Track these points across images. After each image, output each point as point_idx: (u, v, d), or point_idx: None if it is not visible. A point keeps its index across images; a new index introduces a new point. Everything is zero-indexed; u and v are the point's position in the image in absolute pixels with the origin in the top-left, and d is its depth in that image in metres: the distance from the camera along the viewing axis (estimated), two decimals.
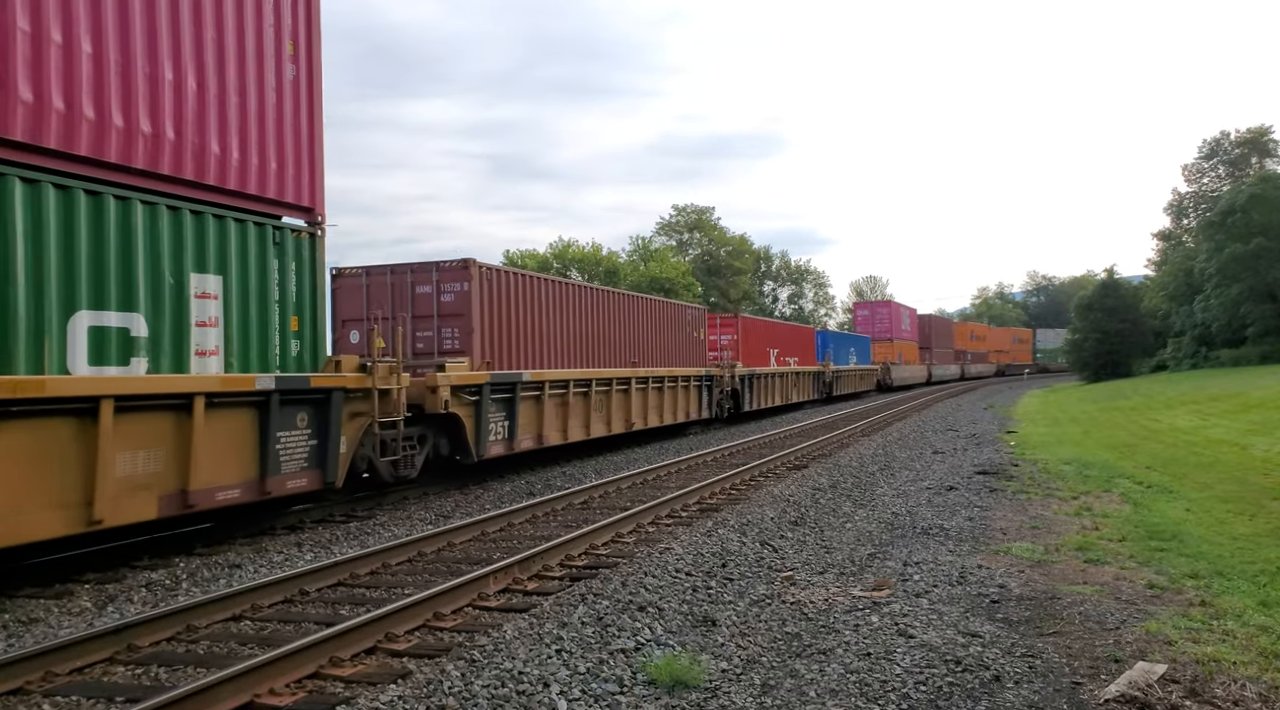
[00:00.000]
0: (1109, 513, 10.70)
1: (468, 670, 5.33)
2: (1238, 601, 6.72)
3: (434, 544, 9.43)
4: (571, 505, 12.16)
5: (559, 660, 5.53)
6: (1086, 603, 6.76)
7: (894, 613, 6.58)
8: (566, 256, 61.43)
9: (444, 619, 6.64)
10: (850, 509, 11.45)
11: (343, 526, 11.04)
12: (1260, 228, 47.40)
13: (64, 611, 7.30)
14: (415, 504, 12.72)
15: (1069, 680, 5.21)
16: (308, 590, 7.63)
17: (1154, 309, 59.37)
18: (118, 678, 5.69)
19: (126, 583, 8.23)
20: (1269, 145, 59.43)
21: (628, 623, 6.30)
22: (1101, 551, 8.54)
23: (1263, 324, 47.31)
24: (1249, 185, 50.37)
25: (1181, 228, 62.57)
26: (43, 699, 5.31)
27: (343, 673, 5.53)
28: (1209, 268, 50.12)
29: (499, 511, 11.08)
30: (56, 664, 5.66)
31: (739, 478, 14.15)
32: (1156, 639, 5.88)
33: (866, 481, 13.87)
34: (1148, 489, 12.62)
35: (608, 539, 9.59)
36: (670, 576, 7.64)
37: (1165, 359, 54.53)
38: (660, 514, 11.07)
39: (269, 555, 9.40)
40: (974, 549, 8.83)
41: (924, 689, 5.10)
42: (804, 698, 5.05)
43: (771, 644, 6.02)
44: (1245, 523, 9.98)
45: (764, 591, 7.33)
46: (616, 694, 5.10)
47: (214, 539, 10.06)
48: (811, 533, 9.89)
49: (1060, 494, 12.26)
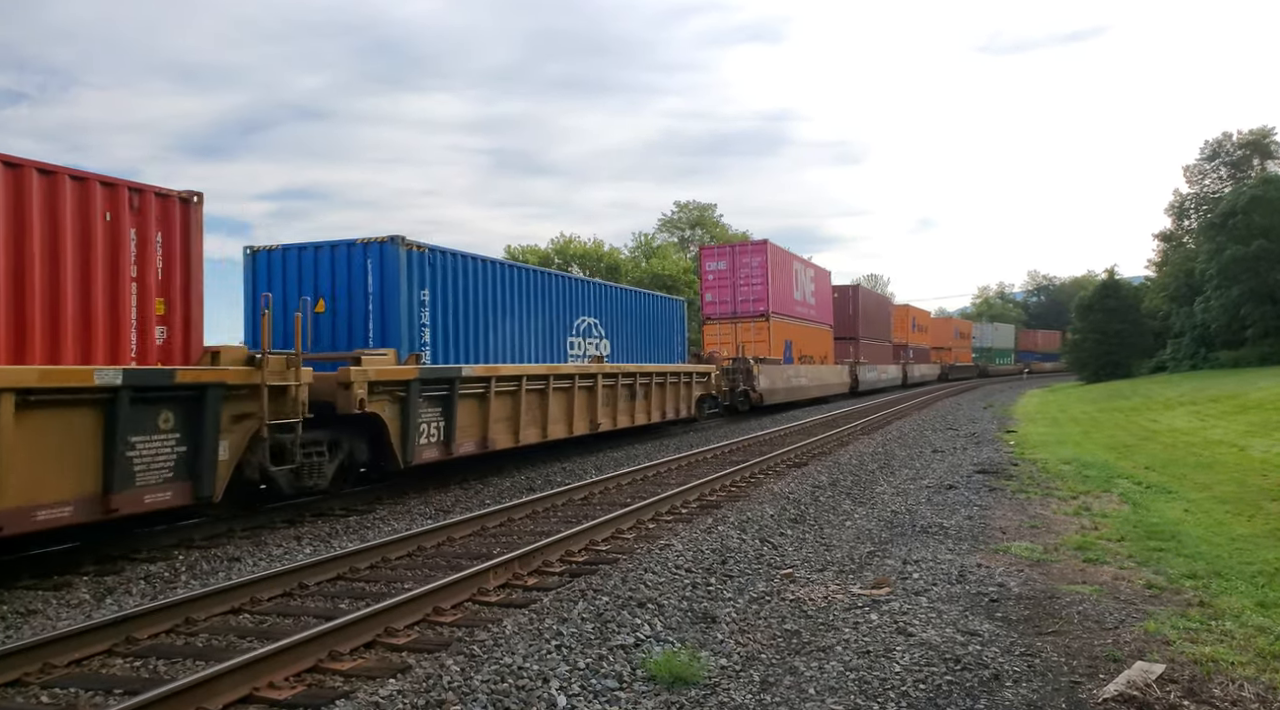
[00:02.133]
0: (1108, 513, 10.70)
1: (467, 665, 5.33)
2: (1236, 602, 6.72)
3: (434, 539, 9.43)
4: (571, 501, 12.16)
5: (558, 656, 5.53)
6: (1085, 602, 6.76)
7: (893, 611, 6.58)
8: (568, 252, 61.39)
9: (444, 614, 6.65)
10: (850, 507, 11.45)
11: (342, 520, 11.03)
12: (1261, 230, 47.33)
13: (62, 603, 7.30)
14: (415, 498, 12.71)
15: (1068, 679, 5.21)
16: (307, 584, 7.64)
17: (1154, 310, 59.30)
18: (116, 670, 5.70)
19: (125, 575, 8.23)
20: (1271, 147, 59.32)
21: (627, 619, 6.30)
22: (1100, 551, 8.54)
23: (1262, 325, 47.26)
24: (1250, 187, 50.31)
25: (1182, 229, 62.47)
26: (40, 690, 5.32)
27: (342, 667, 5.53)
28: (1209, 269, 50.06)
29: (499, 506, 11.09)
30: (55, 656, 5.66)
31: (739, 474, 14.15)
32: (1155, 639, 5.88)
33: (866, 479, 13.87)
34: (1147, 489, 12.62)
35: (608, 535, 9.60)
36: (670, 573, 7.64)
37: (1165, 360, 54.49)
38: (660, 510, 11.07)
39: (268, 548, 9.40)
40: (973, 548, 8.83)
41: (923, 687, 5.10)
42: (803, 695, 5.05)
43: (771, 641, 6.02)
44: (1243, 523, 9.98)
45: (764, 589, 7.33)
46: (616, 690, 5.10)
47: (213, 532, 10.05)
48: (811, 530, 9.89)
49: (1059, 494, 12.27)
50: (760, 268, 32.31)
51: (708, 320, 33.03)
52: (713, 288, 33.10)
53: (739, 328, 31.96)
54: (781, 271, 34.24)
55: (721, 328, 32.53)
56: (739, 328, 31.96)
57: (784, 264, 34.96)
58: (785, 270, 34.95)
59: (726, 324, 32.43)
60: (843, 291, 46.66)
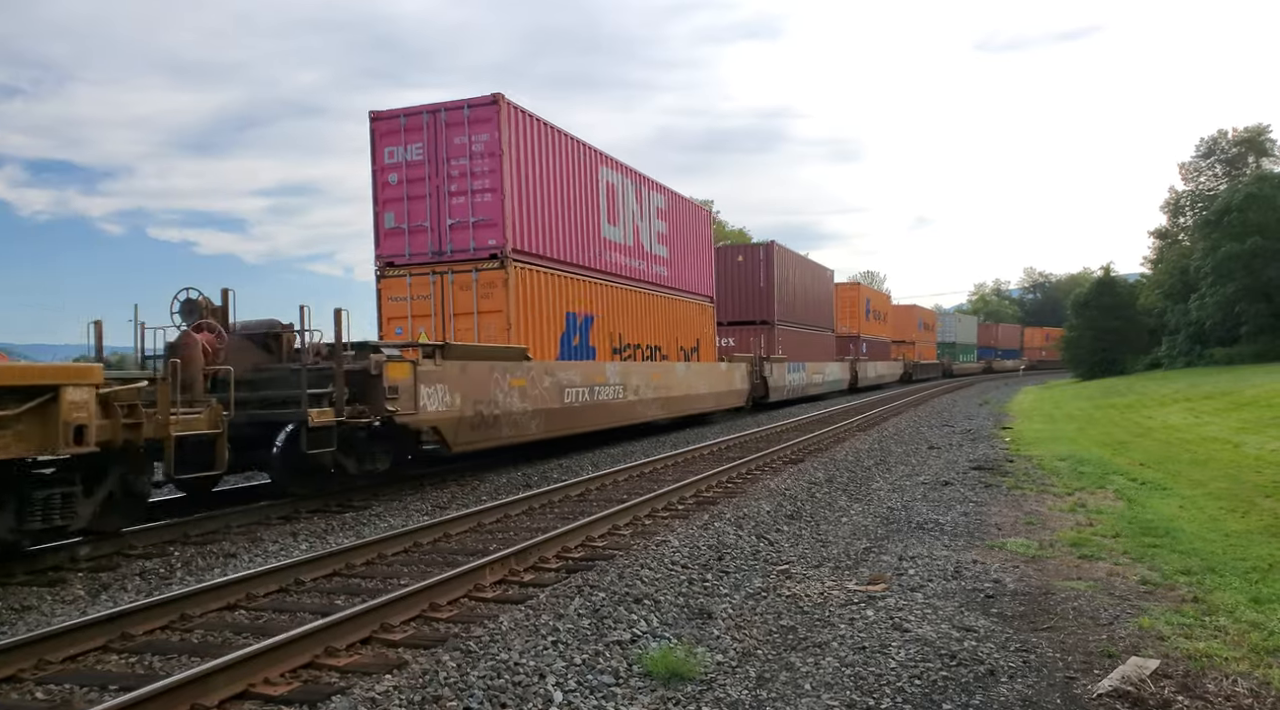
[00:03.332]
0: (1103, 509, 10.73)
1: (463, 661, 5.33)
2: (1230, 598, 6.75)
3: (430, 535, 9.43)
4: (568, 497, 12.16)
5: (555, 652, 5.53)
6: (1080, 598, 6.78)
7: (889, 607, 6.59)
8: None
9: (440, 610, 6.64)
10: (846, 503, 11.47)
11: (338, 517, 11.02)
12: (1256, 227, 47.47)
13: (57, 599, 7.29)
14: (411, 495, 12.70)
15: (1063, 675, 5.23)
16: (303, 580, 7.63)
17: (1149, 307, 59.45)
18: (111, 666, 5.69)
19: (120, 571, 8.21)
20: (1266, 144, 59.50)
21: (624, 615, 6.31)
22: (1095, 547, 8.57)
23: (1257, 323, 47.39)
24: (1245, 184, 50.46)
25: (1178, 226, 62.62)
26: (36, 687, 5.31)
27: (338, 662, 5.52)
28: (1204, 266, 50.18)
29: (495, 503, 11.08)
30: (50, 652, 5.65)
31: (735, 471, 14.16)
32: (1149, 634, 5.90)
33: (862, 476, 13.89)
34: (1141, 486, 12.65)
35: (604, 531, 9.60)
36: (666, 569, 7.65)
37: (1160, 357, 54.61)
38: (657, 507, 11.07)
39: (264, 545, 9.38)
40: (969, 544, 8.85)
41: (919, 683, 5.11)
42: (799, 690, 5.06)
43: (767, 637, 6.03)
44: (1237, 520, 10.01)
45: (760, 585, 7.34)
46: (612, 686, 5.10)
47: (209, 528, 10.04)
48: (807, 527, 9.90)
49: (1055, 490, 12.30)
50: (489, 155, 15.48)
51: (386, 270, 16.43)
52: (393, 202, 16.27)
53: (449, 285, 15.90)
54: (553, 173, 17.13)
55: (418, 285, 16.15)
56: (449, 285, 15.90)
57: (569, 158, 17.75)
58: (575, 174, 17.96)
59: (422, 275, 16.11)
60: (748, 254, 32.43)
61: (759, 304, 32.27)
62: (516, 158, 15.98)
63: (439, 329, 15.95)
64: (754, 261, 32.41)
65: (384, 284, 16.52)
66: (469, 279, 15.83)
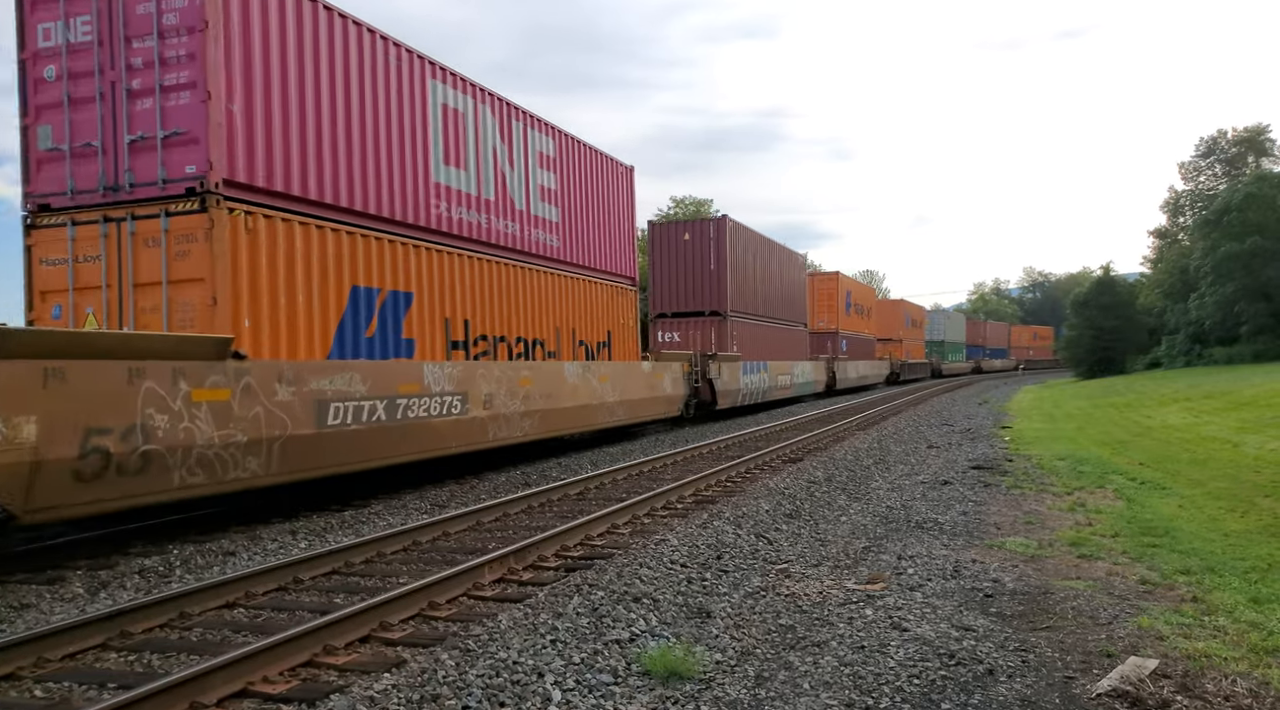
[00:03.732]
0: (1102, 508, 10.73)
1: (462, 660, 5.33)
2: (1229, 598, 6.75)
3: (429, 533, 9.43)
4: (567, 496, 12.16)
5: (553, 650, 5.53)
6: (1079, 598, 6.78)
7: (888, 606, 6.59)
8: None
9: (439, 608, 6.64)
10: (845, 502, 11.47)
11: (337, 515, 11.02)
12: (1255, 226, 47.52)
13: (56, 597, 7.29)
14: (410, 494, 12.70)
15: (1062, 674, 5.23)
16: (302, 578, 7.63)
17: (1149, 306, 59.54)
18: (110, 664, 5.68)
19: (119, 569, 8.21)
20: (1265, 144, 59.58)
21: (622, 614, 6.30)
22: (1095, 547, 8.57)
23: (1256, 322, 47.45)
24: (1245, 184, 50.50)
25: (1177, 226, 62.71)
26: (34, 685, 5.30)
27: (337, 661, 5.52)
28: (1204, 266, 50.23)
29: (495, 501, 11.08)
30: (49, 650, 5.65)
31: (734, 470, 14.16)
32: (1149, 634, 5.90)
33: (861, 475, 13.89)
34: (1141, 485, 12.66)
35: (603, 530, 9.60)
36: (665, 568, 7.64)
37: (1159, 356, 54.70)
38: (656, 506, 11.07)
39: (263, 543, 9.38)
40: (968, 543, 8.85)
41: (917, 682, 5.11)
42: (798, 690, 5.06)
43: (766, 636, 6.03)
44: (1237, 519, 10.01)
45: (759, 584, 7.34)
46: (611, 685, 5.10)
47: (208, 526, 10.03)
48: (806, 526, 9.90)
49: (1054, 489, 12.30)
50: (187, 30, 10.14)
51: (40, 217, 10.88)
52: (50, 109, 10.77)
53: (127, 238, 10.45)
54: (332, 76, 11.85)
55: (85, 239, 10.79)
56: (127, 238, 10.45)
57: (370, 60, 12.54)
58: (380, 85, 12.71)
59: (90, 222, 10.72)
60: (696, 231, 27.26)
61: (708, 291, 27.02)
62: (245, 37, 10.53)
63: (115, 308, 10.49)
64: (702, 240, 26.91)
65: (36, 237, 10.72)
66: (156, 228, 10.25)
